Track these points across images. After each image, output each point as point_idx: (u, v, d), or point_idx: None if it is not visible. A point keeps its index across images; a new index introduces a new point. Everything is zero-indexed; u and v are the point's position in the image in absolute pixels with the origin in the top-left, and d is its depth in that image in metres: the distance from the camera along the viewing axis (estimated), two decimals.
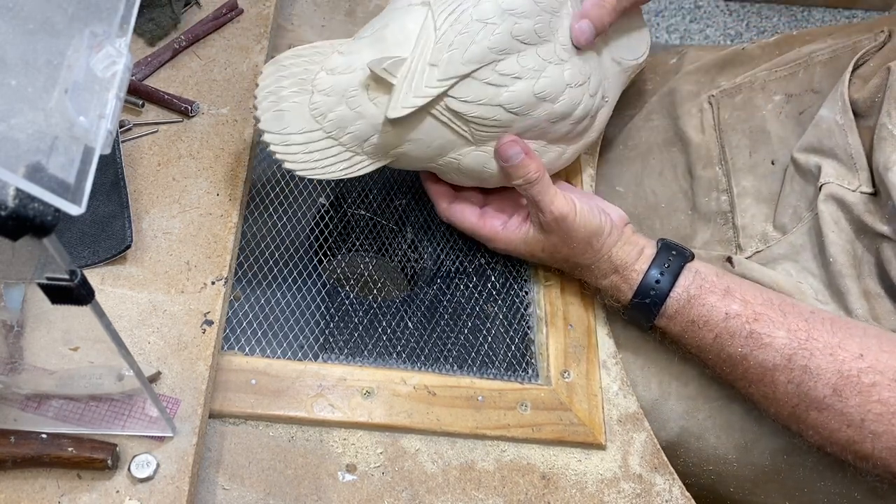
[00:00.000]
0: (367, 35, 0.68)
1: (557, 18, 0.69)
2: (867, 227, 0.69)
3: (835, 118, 0.73)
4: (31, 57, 0.36)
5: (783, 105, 0.81)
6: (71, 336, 0.57)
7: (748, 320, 0.66)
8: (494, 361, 0.74)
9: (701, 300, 0.68)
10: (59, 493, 0.56)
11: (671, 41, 2.19)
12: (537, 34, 0.67)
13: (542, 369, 0.73)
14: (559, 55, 0.68)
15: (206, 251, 0.68)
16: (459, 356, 0.73)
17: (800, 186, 0.75)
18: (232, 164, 0.73)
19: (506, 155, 0.69)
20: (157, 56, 0.78)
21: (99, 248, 0.66)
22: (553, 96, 0.68)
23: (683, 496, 0.69)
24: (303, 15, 0.92)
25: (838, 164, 0.72)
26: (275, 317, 0.71)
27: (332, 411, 0.66)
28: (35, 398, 0.57)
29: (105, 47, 0.39)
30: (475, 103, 0.66)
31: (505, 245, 0.75)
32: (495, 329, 0.76)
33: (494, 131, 0.68)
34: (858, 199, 0.70)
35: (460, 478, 0.66)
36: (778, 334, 0.65)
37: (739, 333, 0.67)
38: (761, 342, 0.66)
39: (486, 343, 0.75)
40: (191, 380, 0.62)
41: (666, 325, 0.71)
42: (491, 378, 0.72)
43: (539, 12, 0.67)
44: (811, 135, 0.75)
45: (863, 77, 0.75)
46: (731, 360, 0.68)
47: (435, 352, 0.73)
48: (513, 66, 0.66)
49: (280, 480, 0.63)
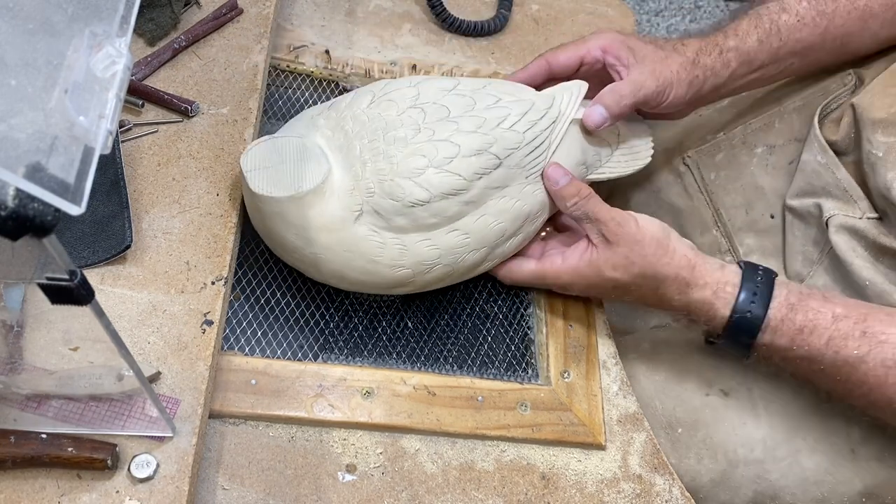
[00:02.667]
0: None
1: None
2: (886, 248, 0.69)
3: (817, 159, 0.74)
4: (31, 57, 0.36)
5: (767, 157, 0.82)
6: (71, 336, 0.57)
7: (857, 321, 0.64)
8: (494, 362, 0.74)
9: (804, 306, 0.65)
10: (58, 493, 0.56)
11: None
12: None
13: (542, 369, 0.73)
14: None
15: (206, 251, 0.68)
16: (459, 356, 0.73)
17: (801, 231, 0.76)
18: (232, 163, 0.73)
19: (554, 178, 0.69)
20: (157, 56, 0.78)
21: (99, 247, 0.66)
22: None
23: (683, 496, 0.69)
24: (303, 15, 0.92)
25: (835, 200, 0.73)
26: (275, 317, 0.71)
27: (332, 411, 0.66)
28: (35, 398, 0.57)
29: (105, 47, 0.39)
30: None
31: (571, 277, 0.71)
32: (495, 329, 0.76)
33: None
34: (868, 224, 0.70)
35: (460, 478, 0.66)
36: (893, 331, 0.63)
37: (852, 334, 0.64)
38: (878, 339, 0.63)
39: (485, 343, 0.74)
40: (191, 380, 0.62)
41: (771, 339, 0.66)
42: (491, 378, 0.72)
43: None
44: (800, 180, 0.76)
45: (835, 120, 0.76)
46: (847, 365, 0.64)
47: (435, 352, 0.73)
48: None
49: (280, 480, 0.63)
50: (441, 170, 0.66)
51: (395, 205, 0.65)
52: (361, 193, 0.66)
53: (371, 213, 0.66)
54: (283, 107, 0.85)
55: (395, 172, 0.65)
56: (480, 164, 0.67)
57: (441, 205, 0.66)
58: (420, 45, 0.93)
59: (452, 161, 0.66)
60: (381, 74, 0.88)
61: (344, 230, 0.66)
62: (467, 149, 0.67)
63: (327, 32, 0.91)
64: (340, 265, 0.67)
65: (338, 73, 0.88)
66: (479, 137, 0.68)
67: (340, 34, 0.91)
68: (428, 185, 0.66)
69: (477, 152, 0.67)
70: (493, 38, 0.95)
